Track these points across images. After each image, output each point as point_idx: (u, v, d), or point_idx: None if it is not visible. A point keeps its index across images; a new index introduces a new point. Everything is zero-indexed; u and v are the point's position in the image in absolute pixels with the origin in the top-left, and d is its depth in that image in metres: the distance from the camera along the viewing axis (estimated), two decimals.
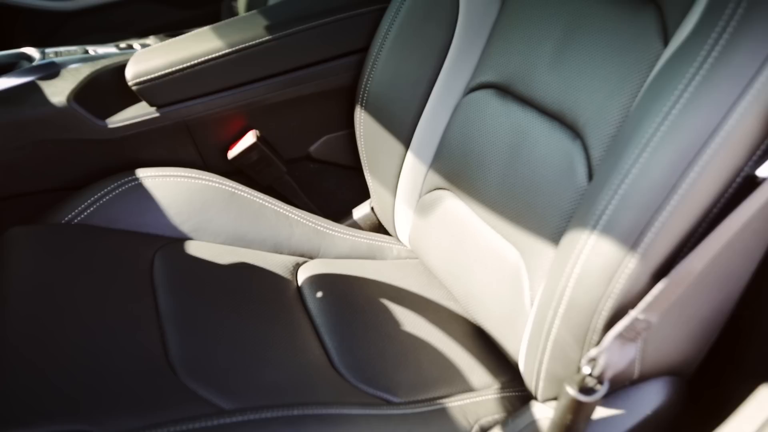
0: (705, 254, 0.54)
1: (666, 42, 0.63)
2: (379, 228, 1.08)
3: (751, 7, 0.52)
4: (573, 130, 0.72)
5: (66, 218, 0.88)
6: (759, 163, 0.53)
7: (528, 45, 0.80)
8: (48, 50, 1.03)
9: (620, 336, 0.55)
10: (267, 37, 0.97)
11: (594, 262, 0.57)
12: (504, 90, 0.83)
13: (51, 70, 0.95)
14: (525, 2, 0.82)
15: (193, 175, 0.95)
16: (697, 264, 0.54)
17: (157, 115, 0.96)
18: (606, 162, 0.61)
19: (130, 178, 0.92)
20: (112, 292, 0.77)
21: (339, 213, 1.11)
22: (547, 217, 0.72)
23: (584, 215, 0.59)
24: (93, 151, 0.95)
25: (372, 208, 1.07)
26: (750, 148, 0.53)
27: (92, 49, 1.06)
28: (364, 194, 1.07)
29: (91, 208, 0.88)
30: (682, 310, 0.58)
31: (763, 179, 0.51)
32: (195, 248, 0.88)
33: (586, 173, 0.69)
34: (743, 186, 0.53)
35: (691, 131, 0.52)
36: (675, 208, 0.53)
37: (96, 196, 0.89)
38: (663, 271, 0.55)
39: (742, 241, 0.56)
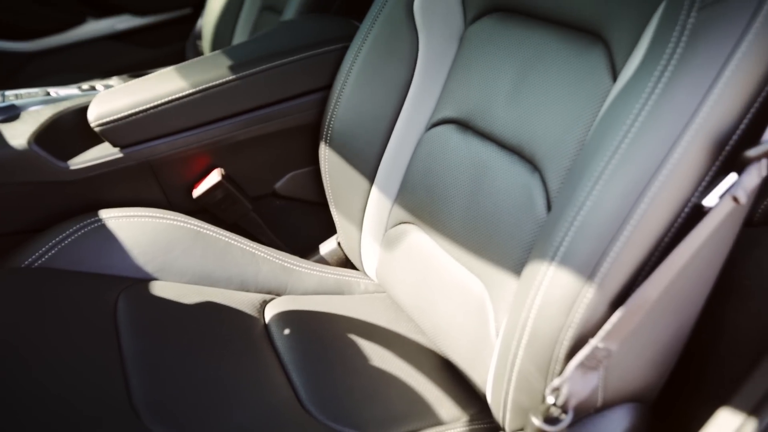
0: (659, 282, 0.55)
1: (615, 78, 0.66)
2: (346, 263, 1.08)
3: (690, 45, 0.54)
4: (531, 163, 0.74)
5: (27, 261, 0.86)
6: (705, 193, 0.55)
7: (486, 81, 0.82)
8: (8, 92, 1.03)
9: (582, 365, 0.56)
10: (231, 77, 0.98)
11: (553, 292, 0.58)
12: (464, 125, 0.85)
13: (11, 113, 0.94)
14: (481, 41, 0.84)
15: (158, 214, 0.94)
16: (652, 292, 0.55)
17: (120, 155, 0.96)
18: (562, 194, 0.62)
19: (92, 219, 0.91)
20: (74, 336, 0.75)
21: (306, 249, 1.11)
22: (509, 249, 0.74)
23: (543, 246, 0.61)
24: (55, 193, 0.94)
25: (339, 243, 1.08)
26: (696, 179, 0.55)
27: (54, 91, 1.06)
28: (330, 230, 1.07)
29: (53, 251, 0.87)
30: (640, 336, 0.59)
31: (710, 209, 0.53)
32: (160, 289, 0.87)
33: (545, 205, 0.71)
34: (692, 215, 0.55)
35: (640, 164, 0.55)
36: (628, 238, 0.55)
37: (58, 239, 0.88)
38: (620, 299, 0.57)
39: (694, 267, 0.58)
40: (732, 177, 0.53)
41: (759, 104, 0.54)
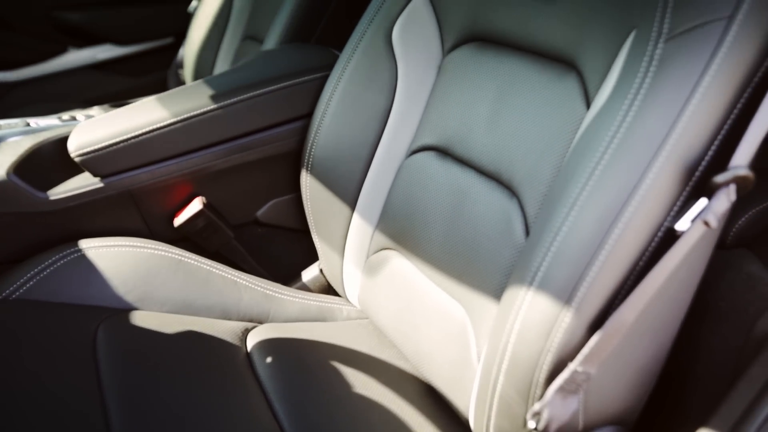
0: (635, 305, 0.56)
1: (588, 105, 0.68)
2: (328, 290, 1.08)
3: (658, 75, 0.56)
4: (509, 189, 0.75)
5: (4, 294, 0.85)
6: (677, 217, 0.56)
7: (464, 109, 0.83)
8: None
9: (561, 389, 0.57)
10: (212, 106, 0.98)
11: (532, 317, 0.59)
12: (444, 152, 0.86)
13: None
14: (459, 69, 0.86)
15: (138, 244, 0.94)
16: (628, 315, 0.56)
17: (100, 185, 0.96)
18: (539, 220, 0.63)
19: (72, 249, 0.90)
20: (53, 368, 0.74)
21: (288, 276, 1.11)
22: (489, 274, 0.74)
23: (521, 271, 0.62)
24: (34, 223, 0.94)
25: (321, 270, 1.08)
26: (668, 204, 0.56)
27: (34, 122, 1.06)
28: (312, 256, 1.08)
29: (31, 282, 0.86)
30: (619, 359, 0.60)
31: (682, 233, 0.55)
32: (140, 318, 0.86)
33: (524, 230, 0.72)
34: (665, 239, 0.57)
35: (614, 190, 0.56)
36: (604, 263, 0.56)
37: (36, 270, 0.87)
38: (598, 323, 0.57)
39: (669, 290, 0.59)
40: (702, 202, 0.54)
41: (726, 131, 0.56)
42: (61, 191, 0.94)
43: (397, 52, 0.92)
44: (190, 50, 1.70)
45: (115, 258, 0.91)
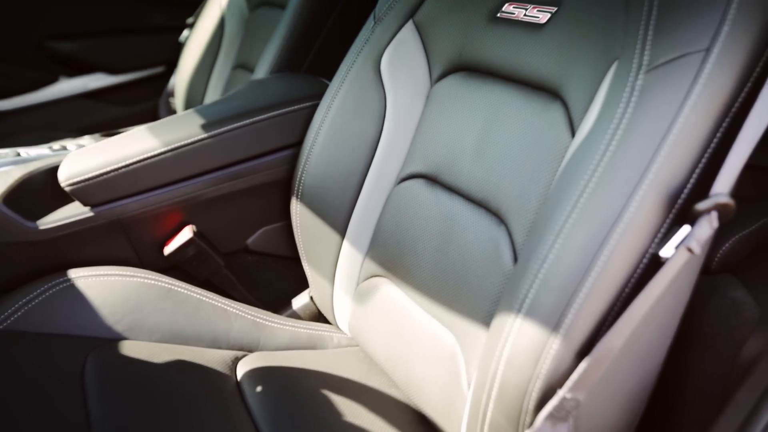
0: (623, 331, 0.56)
1: (573, 134, 0.69)
2: (319, 317, 1.08)
3: (640, 105, 0.58)
4: (497, 216, 0.76)
5: None
6: (661, 244, 0.57)
7: (452, 137, 0.85)
8: None
9: (551, 416, 0.57)
10: (203, 135, 0.99)
11: (521, 344, 0.59)
12: (432, 180, 0.87)
13: None
14: (447, 98, 0.87)
15: (128, 273, 0.94)
16: (616, 341, 0.56)
17: (90, 214, 0.96)
18: (526, 247, 0.64)
19: (61, 279, 0.90)
20: (40, 400, 0.74)
21: (278, 304, 1.11)
22: (478, 301, 0.75)
23: (510, 298, 0.62)
24: (23, 253, 0.93)
25: (311, 298, 1.08)
26: (652, 231, 0.57)
27: (24, 151, 1.06)
28: (302, 284, 1.08)
29: (19, 313, 0.86)
30: (608, 386, 0.60)
31: (666, 259, 0.55)
32: (129, 348, 0.86)
33: (512, 257, 0.72)
34: (650, 266, 0.57)
35: (598, 218, 0.57)
36: (590, 290, 0.56)
37: (24, 300, 0.87)
38: (586, 350, 0.58)
39: (656, 316, 0.59)
40: (685, 229, 0.55)
41: (706, 159, 0.57)
42: (50, 221, 0.94)
43: (386, 81, 0.93)
44: (181, 79, 1.72)
45: (105, 287, 0.91)
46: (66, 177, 0.95)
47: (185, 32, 1.82)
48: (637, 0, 0.62)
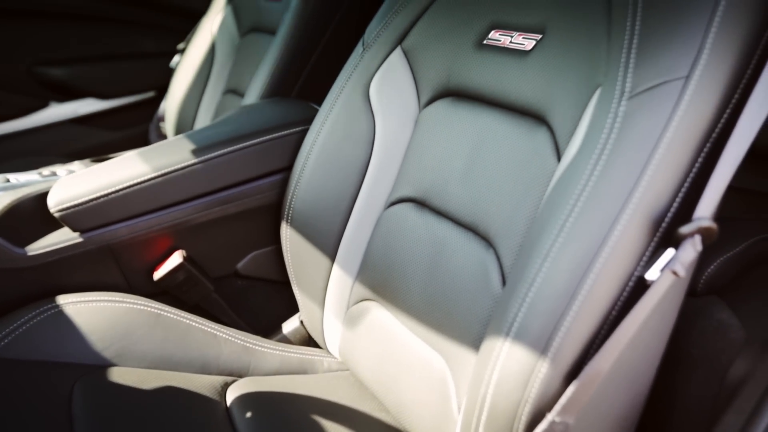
0: (610, 354, 0.57)
1: (559, 158, 0.70)
2: (309, 341, 1.08)
3: (623, 130, 0.59)
4: (486, 240, 0.77)
5: None
6: (647, 267, 0.58)
7: (440, 161, 0.86)
8: None
9: None
10: (193, 160, 1.00)
11: (510, 367, 0.59)
12: (421, 204, 0.88)
13: None
14: (435, 123, 0.88)
15: (117, 298, 0.93)
16: (604, 364, 0.57)
17: (80, 239, 0.96)
18: (514, 270, 0.65)
19: (49, 305, 0.89)
20: (27, 429, 0.73)
21: (268, 328, 1.10)
22: (468, 324, 0.75)
23: (498, 322, 0.63)
24: (11, 279, 0.93)
25: (301, 322, 1.08)
26: (637, 255, 0.58)
27: (14, 177, 1.06)
28: (293, 308, 1.07)
29: (7, 340, 0.85)
30: (597, 409, 0.61)
31: (652, 282, 0.56)
32: (118, 375, 0.85)
33: (500, 280, 0.73)
34: (636, 288, 0.58)
35: (584, 242, 0.57)
36: (578, 313, 0.57)
37: (12, 327, 0.86)
38: (574, 373, 0.58)
39: (643, 339, 0.60)
40: (670, 252, 0.56)
41: (689, 184, 0.58)
42: (39, 247, 0.94)
43: (375, 106, 0.94)
44: (171, 104, 1.72)
45: (93, 313, 0.91)
46: (56, 203, 0.95)
47: (176, 58, 1.83)
48: (619, 28, 0.63)
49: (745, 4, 0.57)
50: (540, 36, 0.76)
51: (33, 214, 0.97)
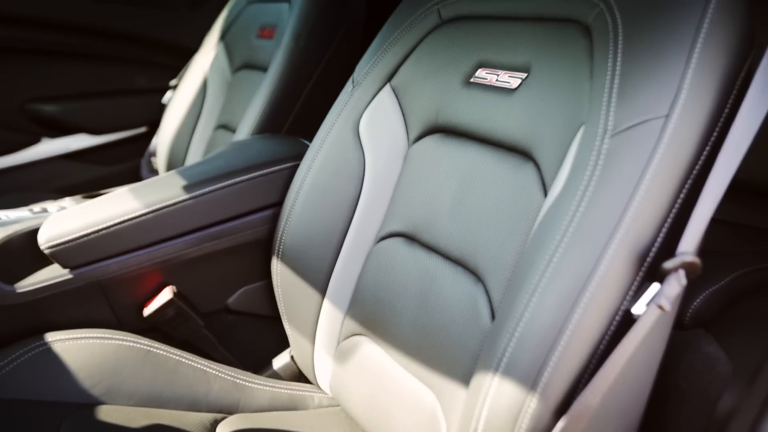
0: (599, 389, 0.57)
1: (546, 193, 0.71)
2: (299, 377, 1.07)
3: (606, 168, 0.60)
4: (475, 274, 0.77)
5: None
6: (633, 301, 0.58)
7: (429, 196, 0.87)
8: None
9: None
10: (184, 196, 1.00)
11: (499, 403, 0.60)
12: (411, 238, 0.88)
13: None
14: (424, 159, 0.90)
15: (106, 335, 0.93)
16: (593, 399, 0.57)
17: (69, 276, 0.96)
18: (503, 305, 0.65)
19: (38, 343, 0.89)
20: None
21: (259, 364, 1.10)
22: (458, 359, 0.75)
23: (488, 357, 0.63)
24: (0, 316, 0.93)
25: (292, 357, 1.07)
26: (623, 290, 0.59)
27: (4, 214, 1.06)
28: (283, 343, 1.07)
29: None
30: None
31: (638, 316, 0.57)
32: (106, 414, 0.84)
33: (490, 315, 0.73)
34: (623, 322, 0.59)
35: (571, 276, 0.58)
36: (565, 348, 0.57)
37: None
38: (563, 408, 0.58)
39: (631, 373, 0.60)
40: (655, 286, 0.57)
41: (672, 219, 0.59)
42: (28, 284, 0.94)
43: (365, 142, 0.96)
44: (163, 139, 1.73)
45: (82, 350, 0.90)
46: (46, 240, 0.95)
47: (168, 94, 1.85)
48: (601, 69, 0.65)
49: (720, 46, 0.60)
50: (525, 75, 0.78)
51: (23, 251, 0.97)
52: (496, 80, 0.81)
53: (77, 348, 0.90)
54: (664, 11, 0.62)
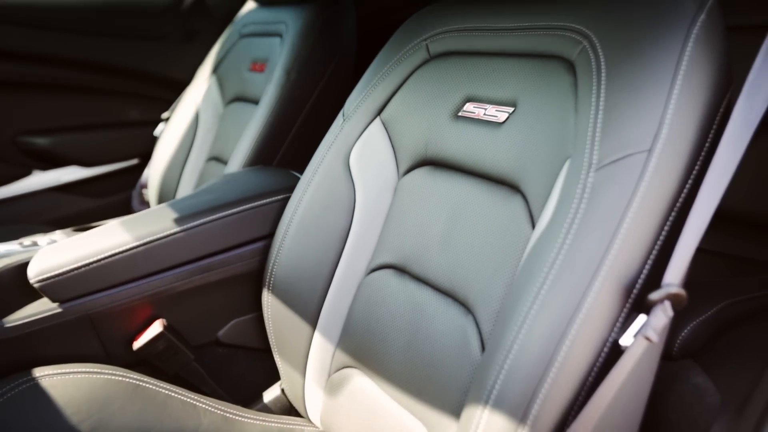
0: (589, 421, 0.57)
1: (534, 226, 0.72)
2: (290, 410, 1.06)
3: (591, 201, 0.61)
4: (465, 306, 0.78)
5: None
6: (621, 332, 0.59)
7: (419, 228, 0.87)
8: None
9: None
10: (175, 229, 1.00)
11: None
12: (401, 270, 0.89)
13: None
14: (414, 191, 0.91)
15: (94, 370, 0.92)
16: (583, 431, 0.57)
17: (59, 310, 0.95)
18: (493, 337, 0.66)
19: (25, 378, 0.88)
20: None
21: (249, 397, 1.09)
22: (449, 391, 0.75)
23: (478, 389, 0.63)
24: None
25: (282, 390, 1.06)
26: (610, 321, 0.59)
27: None
28: (274, 376, 1.07)
29: None
30: None
31: (626, 347, 0.57)
32: None
33: (480, 347, 0.74)
34: (611, 354, 0.59)
35: (559, 308, 0.59)
36: (554, 380, 0.58)
37: None
38: None
39: (620, 404, 0.60)
40: (642, 318, 0.57)
41: (657, 251, 0.60)
42: (16, 318, 0.93)
43: (355, 175, 0.97)
44: (155, 171, 1.74)
45: (70, 385, 0.89)
46: (35, 274, 0.95)
47: (160, 126, 1.86)
48: (585, 104, 0.67)
49: (699, 82, 0.61)
50: (512, 109, 0.79)
51: (12, 285, 0.97)
52: (484, 114, 0.82)
53: (65, 383, 0.89)
54: (645, 49, 0.64)
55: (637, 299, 0.60)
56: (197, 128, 1.70)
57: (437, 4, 0.98)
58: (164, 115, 1.86)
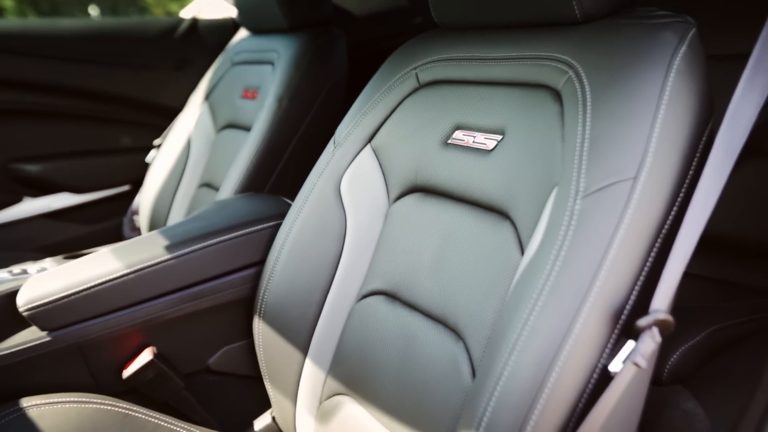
0: None
1: (523, 252, 0.73)
2: None
3: (579, 228, 0.62)
4: (455, 332, 0.78)
5: None
6: (610, 358, 0.59)
7: (410, 255, 0.88)
8: None
9: None
10: (166, 257, 1.00)
11: None
12: (392, 296, 0.89)
13: None
14: (404, 218, 0.91)
15: (83, 399, 0.91)
16: None
17: (48, 338, 0.94)
18: (483, 363, 0.66)
19: (12, 409, 0.87)
20: None
21: (240, 425, 1.08)
22: (440, 418, 0.75)
23: (469, 416, 0.63)
24: None
25: (273, 418, 1.05)
26: (599, 346, 0.60)
27: None
28: (265, 404, 1.06)
29: None
30: None
31: (616, 373, 0.58)
32: None
33: (470, 373, 0.74)
34: (601, 380, 0.60)
35: (548, 335, 0.59)
36: (545, 406, 0.58)
37: None
38: None
39: (611, 430, 0.61)
40: (630, 344, 0.58)
41: (644, 276, 0.61)
42: (4, 347, 0.92)
43: (346, 201, 0.97)
44: (146, 197, 1.74)
45: (58, 416, 0.88)
46: (24, 302, 0.94)
47: (152, 153, 1.87)
48: (571, 132, 0.68)
49: (682, 111, 0.63)
50: (501, 137, 0.80)
51: (1, 314, 0.96)
52: (473, 141, 0.83)
53: (52, 413, 0.88)
54: (629, 79, 0.66)
55: (625, 325, 0.60)
56: (189, 155, 1.70)
57: (426, 34, 1.00)
58: (156, 142, 1.86)
